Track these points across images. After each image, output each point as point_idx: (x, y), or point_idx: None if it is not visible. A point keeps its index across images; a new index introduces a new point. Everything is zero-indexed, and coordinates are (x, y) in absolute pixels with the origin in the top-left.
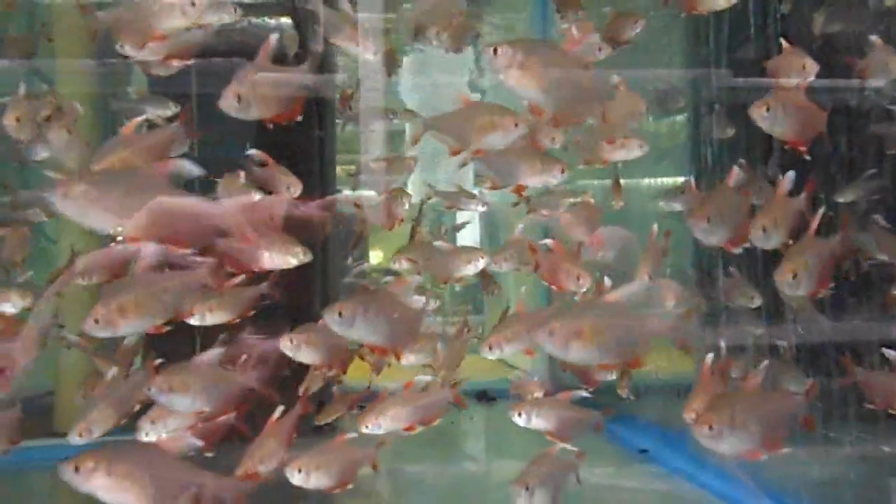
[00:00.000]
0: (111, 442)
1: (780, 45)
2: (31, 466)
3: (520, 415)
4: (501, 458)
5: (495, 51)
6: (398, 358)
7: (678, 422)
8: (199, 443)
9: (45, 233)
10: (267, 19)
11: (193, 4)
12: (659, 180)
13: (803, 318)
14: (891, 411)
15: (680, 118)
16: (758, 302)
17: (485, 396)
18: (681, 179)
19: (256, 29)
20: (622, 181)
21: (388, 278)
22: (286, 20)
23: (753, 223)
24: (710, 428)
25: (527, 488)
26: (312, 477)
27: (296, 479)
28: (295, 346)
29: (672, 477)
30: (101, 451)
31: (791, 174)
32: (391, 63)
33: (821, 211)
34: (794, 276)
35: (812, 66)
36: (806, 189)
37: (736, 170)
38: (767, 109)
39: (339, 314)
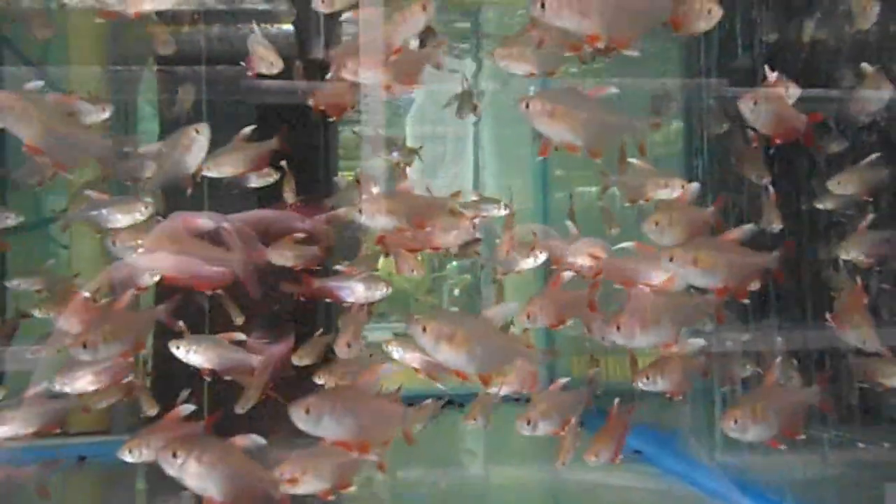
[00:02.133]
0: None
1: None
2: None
3: (528, 423)
4: (499, 461)
5: (527, 105)
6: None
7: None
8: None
9: (57, 239)
10: (268, 27)
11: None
12: None
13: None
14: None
15: (675, 126)
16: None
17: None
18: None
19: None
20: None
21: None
22: (288, 27)
23: (648, 217)
24: (735, 422)
25: (528, 422)
26: (301, 482)
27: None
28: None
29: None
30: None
31: (695, 185)
32: (468, 105)
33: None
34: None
35: (794, 92)
36: (715, 204)
37: (694, 186)
38: (755, 104)
39: (306, 411)
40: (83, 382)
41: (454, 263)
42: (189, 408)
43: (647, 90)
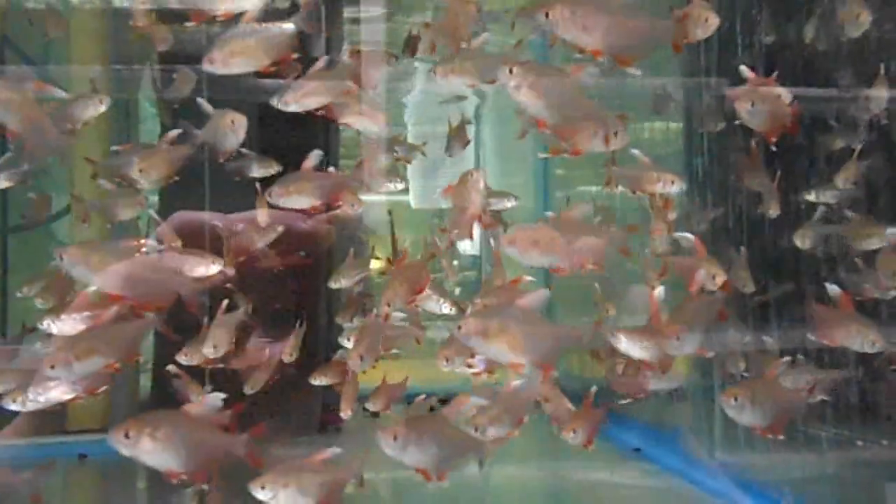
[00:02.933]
0: None
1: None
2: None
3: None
4: (500, 459)
5: (511, 70)
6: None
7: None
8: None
9: (57, 236)
10: (270, 26)
11: None
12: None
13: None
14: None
15: (674, 126)
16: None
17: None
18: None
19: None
20: (619, 188)
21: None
22: (289, 27)
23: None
24: (735, 399)
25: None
26: (281, 496)
27: (261, 495)
28: None
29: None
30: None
31: (679, 186)
32: (460, 141)
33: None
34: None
35: (775, 89)
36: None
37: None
38: (752, 105)
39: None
40: (56, 393)
41: (455, 262)
42: (218, 397)
43: (647, 88)
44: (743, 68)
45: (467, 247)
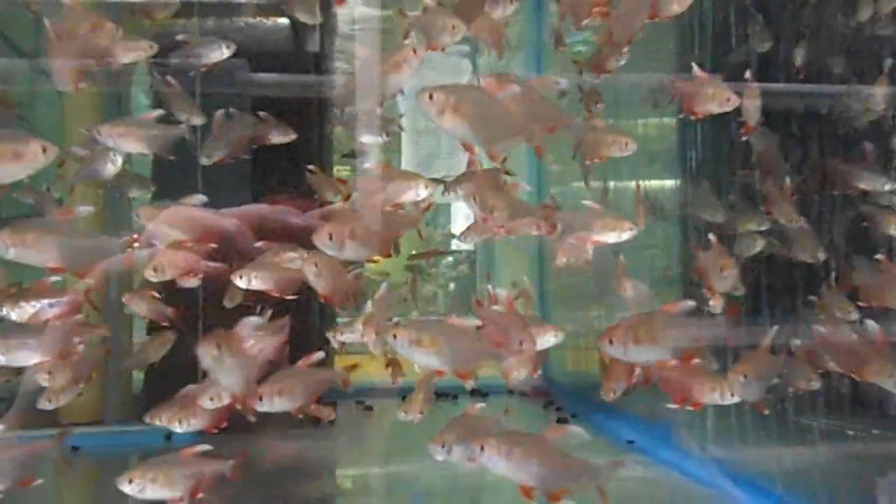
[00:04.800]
0: None
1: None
2: None
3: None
4: None
5: (430, 96)
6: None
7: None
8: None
9: None
10: (264, 20)
11: None
12: (650, 182)
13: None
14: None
15: (668, 121)
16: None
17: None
18: (669, 183)
19: (254, 30)
20: (611, 183)
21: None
22: (283, 21)
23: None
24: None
25: (443, 446)
26: (149, 490)
27: (128, 489)
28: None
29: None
30: None
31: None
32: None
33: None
34: None
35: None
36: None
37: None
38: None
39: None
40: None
41: (448, 259)
42: (321, 356)
43: (641, 84)
44: (694, 66)
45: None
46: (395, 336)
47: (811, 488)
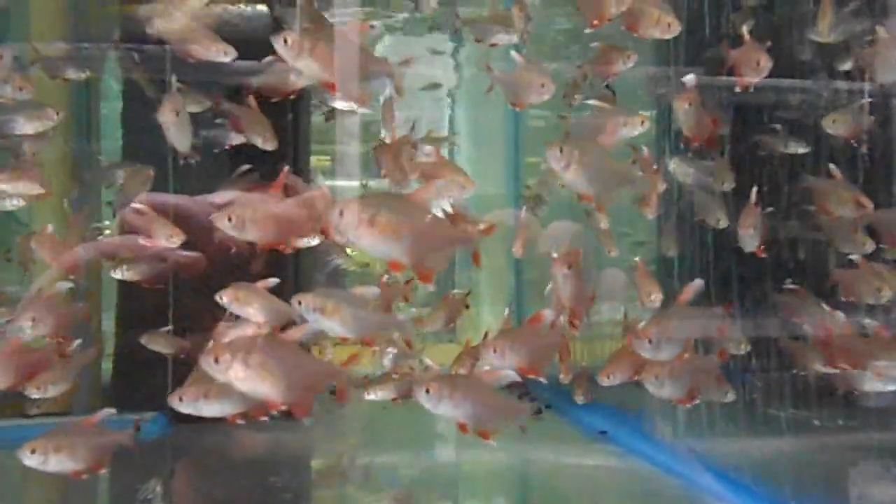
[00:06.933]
0: None
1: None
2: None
3: None
4: (470, 444)
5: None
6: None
7: None
8: None
9: (17, 217)
10: (242, 6)
11: None
12: None
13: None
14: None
15: (648, 112)
16: None
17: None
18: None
19: (233, 17)
20: None
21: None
22: (262, 8)
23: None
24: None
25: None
26: (52, 461)
27: (29, 461)
28: None
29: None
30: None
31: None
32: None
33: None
34: None
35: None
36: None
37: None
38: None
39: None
40: None
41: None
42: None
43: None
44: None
45: None
46: (299, 302)
47: (778, 478)
